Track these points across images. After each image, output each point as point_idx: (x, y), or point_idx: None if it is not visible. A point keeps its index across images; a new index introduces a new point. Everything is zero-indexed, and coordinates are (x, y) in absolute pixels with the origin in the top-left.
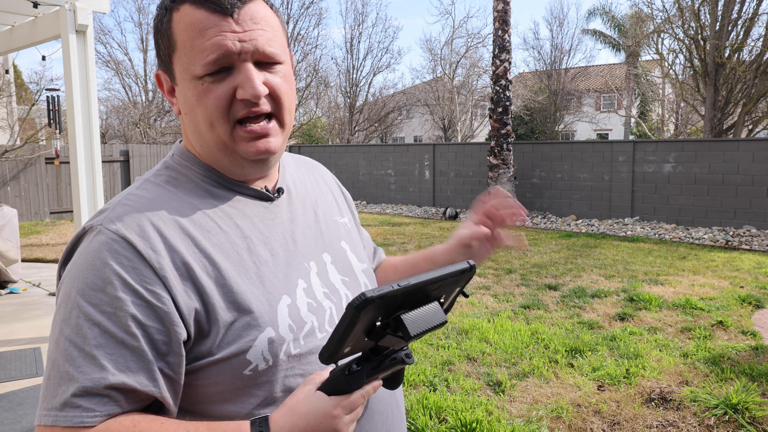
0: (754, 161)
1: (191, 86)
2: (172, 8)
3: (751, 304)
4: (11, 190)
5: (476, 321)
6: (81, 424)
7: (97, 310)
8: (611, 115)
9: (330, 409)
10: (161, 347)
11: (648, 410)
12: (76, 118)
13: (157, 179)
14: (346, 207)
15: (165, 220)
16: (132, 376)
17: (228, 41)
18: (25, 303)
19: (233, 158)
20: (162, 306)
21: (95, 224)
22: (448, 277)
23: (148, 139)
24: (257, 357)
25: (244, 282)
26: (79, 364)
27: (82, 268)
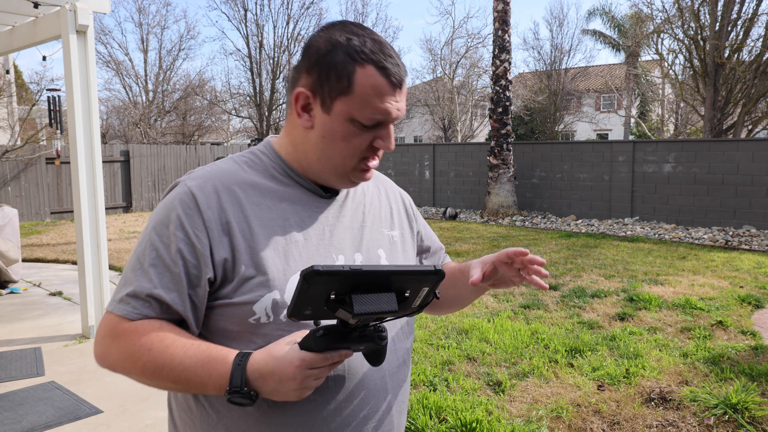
0: (753, 161)
1: (344, 124)
2: (358, 61)
3: (751, 304)
4: (12, 190)
5: (476, 321)
6: (125, 315)
7: (159, 240)
8: (611, 115)
9: (294, 360)
10: (193, 279)
11: (648, 410)
12: (77, 118)
13: (238, 159)
14: (403, 222)
15: (226, 187)
16: (168, 292)
17: (393, 109)
18: (26, 303)
19: (340, 179)
20: (201, 248)
21: (181, 180)
22: (405, 274)
23: (149, 139)
24: (261, 311)
25: (269, 250)
26: (137, 275)
27: (161, 209)
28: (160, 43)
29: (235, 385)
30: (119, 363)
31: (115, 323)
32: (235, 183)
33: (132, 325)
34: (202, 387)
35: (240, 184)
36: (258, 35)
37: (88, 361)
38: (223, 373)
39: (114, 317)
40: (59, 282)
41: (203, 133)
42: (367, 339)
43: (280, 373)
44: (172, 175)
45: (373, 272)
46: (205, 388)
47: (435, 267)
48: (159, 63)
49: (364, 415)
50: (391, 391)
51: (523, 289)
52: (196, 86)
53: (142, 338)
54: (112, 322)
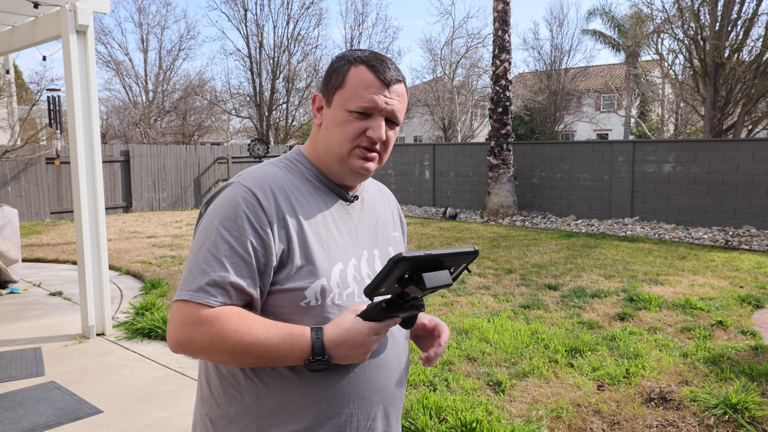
0: (753, 161)
1: (341, 114)
2: (353, 62)
3: (751, 304)
4: (12, 190)
5: (476, 321)
6: (207, 303)
7: (229, 234)
8: (611, 115)
9: (363, 328)
10: (262, 267)
11: (648, 410)
12: (77, 118)
13: (278, 164)
14: (399, 226)
15: (279, 187)
16: (243, 279)
17: (380, 101)
18: (26, 303)
19: (342, 167)
20: (267, 240)
21: (234, 182)
22: (458, 254)
23: (149, 139)
24: (311, 295)
25: (315, 243)
26: (213, 266)
27: (224, 206)
28: (160, 43)
29: (317, 353)
30: (206, 346)
31: (196, 311)
32: (285, 184)
33: (213, 311)
34: (284, 359)
35: (288, 185)
36: (258, 35)
37: (88, 361)
38: (304, 346)
39: (193, 305)
40: (59, 282)
41: (203, 133)
42: (413, 308)
43: (352, 341)
44: (172, 175)
45: (437, 255)
46: (287, 359)
47: (474, 248)
48: (159, 63)
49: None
50: (402, 361)
51: (523, 289)
52: (196, 86)
53: (228, 322)
54: (192, 310)
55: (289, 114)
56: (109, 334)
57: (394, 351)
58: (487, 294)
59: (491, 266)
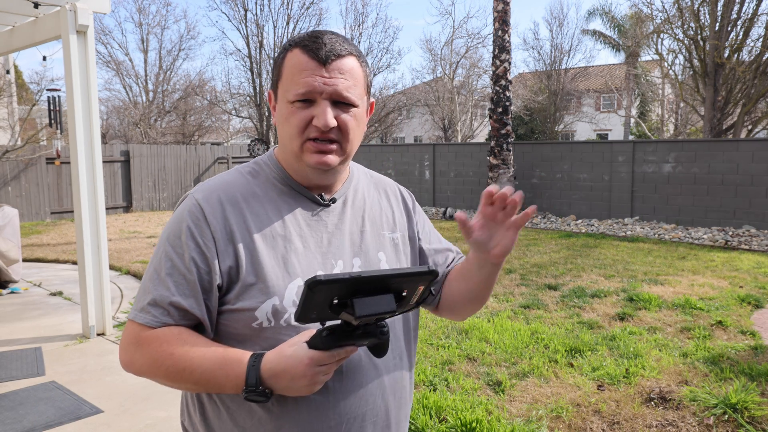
0: (753, 161)
1: (285, 107)
2: (288, 49)
3: (751, 304)
4: (12, 190)
5: (476, 321)
6: (146, 323)
7: (173, 250)
8: (611, 115)
9: (304, 358)
10: (206, 285)
11: (647, 410)
12: (77, 119)
13: (243, 169)
14: (404, 224)
15: (231, 198)
16: (185, 299)
17: (315, 82)
18: (26, 303)
19: (301, 164)
20: (211, 257)
21: (189, 193)
22: (400, 276)
23: (149, 139)
24: (262, 316)
25: (269, 258)
26: (156, 284)
27: (173, 221)
28: (160, 43)
29: (251, 384)
30: (145, 368)
31: (138, 331)
32: (239, 194)
33: (154, 332)
34: (221, 387)
35: (243, 195)
36: (258, 35)
37: (89, 361)
38: (239, 374)
39: (136, 326)
40: (59, 282)
41: (203, 133)
42: (369, 335)
43: (291, 371)
44: (172, 175)
45: (370, 277)
46: (223, 388)
47: (428, 267)
48: (159, 63)
49: (360, 410)
50: (389, 387)
51: (523, 289)
52: (196, 86)
53: (164, 345)
54: (135, 331)
55: None
56: (110, 334)
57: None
58: None
59: None
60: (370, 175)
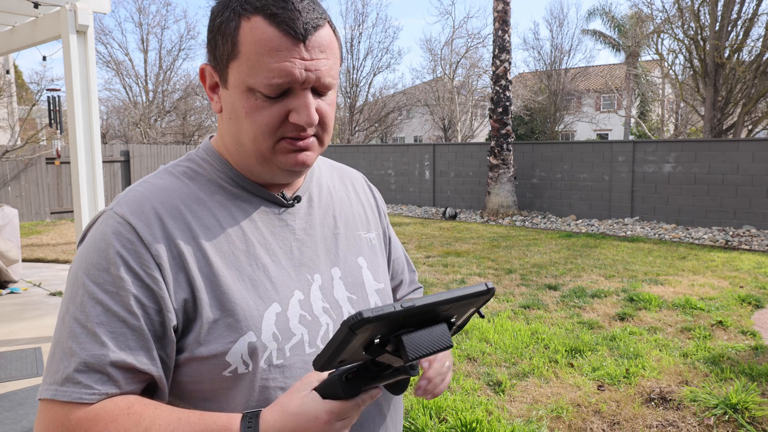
0: (753, 161)
1: (243, 97)
2: (242, 15)
3: (751, 304)
4: (12, 190)
5: (476, 321)
6: (79, 400)
7: (100, 289)
8: (611, 115)
9: (321, 414)
10: (158, 329)
11: (648, 410)
12: (77, 119)
13: (175, 170)
14: (376, 220)
15: (169, 210)
16: (132, 354)
17: (296, 69)
18: (26, 303)
19: (267, 167)
20: (159, 290)
21: (107, 209)
22: (461, 300)
23: (149, 139)
24: (236, 360)
25: (234, 283)
26: (82, 341)
27: (90, 249)
28: (160, 43)
29: None
30: None
31: (65, 414)
32: (181, 200)
33: (91, 411)
34: None
35: (185, 203)
36: None
37: None
38: None
39: (60, 407)
40: (59, 282)
41: (203, 133)
42: (400, 372)
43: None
44: None
45: (424, 306)
46: None
47: (487, 285)
48: (159, 63)
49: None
50: (386, 410)
51: (523, 289)
52: (196, 86)
53: (109, 427)
54: (59, 415)
55: None
56: None
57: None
58: None
59: (491, 266)
60: (332, 165)
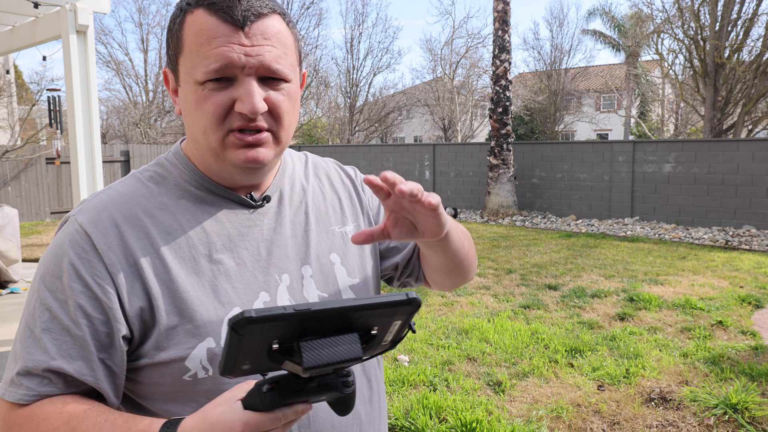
0: (753, 161)
1: (192, 90)
2: (186, 10)
3: (751, 304)
4: (12, 190)
5: (476, 321)
6: (18, 400)
7: (51, 296)
8: (611, 115)
9: (237, 424)
10: (104, 339)
11: (648, 410)
12: (77, 118)
13: (142, 175)
14: (355, 209)
15: (128, 217)
16: (71, 363)
17: (234, 54)
18: None
19: (222, 164)
20: (107, 301)
21: (70, 215)
22: (372, 308)
23: (149, 139)
24: (196, 365)
25: (193, 288)
26: (27, 345)
27: (48, 256)
28: (160, 43)
29: None
30: None
31: (7, 411)
32: (139, 209)
33: (27, 410)
34: None
35: (146, 209)
36: None
37: None
38: None
39: (6, 404)
40: None
41: None
42: (328, 388)
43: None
44: None
45: (326, 311)
46: None
47: (408, 295)
48: (159, 63)
49: None
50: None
51: (523, 289)
52: None
53: (41, 425)
54: (4, 411)
55: None
56: None
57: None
58: (487, 294)
59: (491, 266)
60: (306, 161)
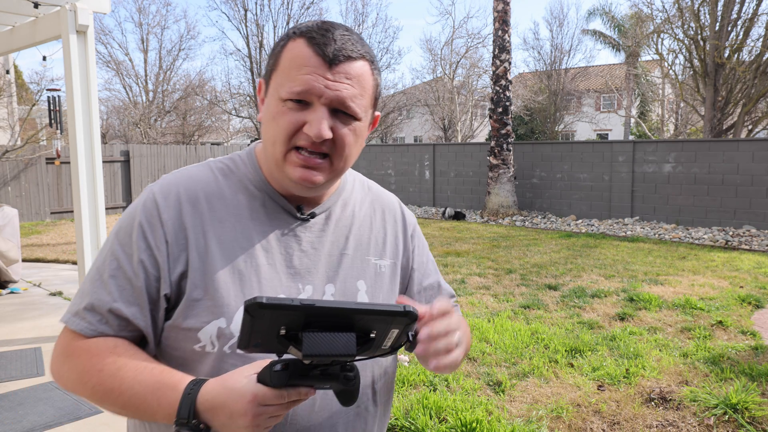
0: (753, 161)
1: (274, 103)
2: (291, 37)
3: (751, 304)
4: (12, 190)
5: (476, 321)
6: (80, 331)
7: (121, 249)
8: (611, 115)
9: (247, 394)
10: (154, 293)
11: (648, 410)
12: (77, 118)
13: (215, 164)
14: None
15: (192, 196)
16: (128, 307)
17: (316, 83)
18: (26, 303)
19: (281, 175)
20: (162, 262)
21: (149, 185)
22: (367, 313)
23: (149, 139)
24: (206, 338)
25: (223, 273)
26: (96, 286)
27: (126, 215)
28: (160, 43)
29: (182, 416)
30: (71, 383)
31: (69, 340)
32: (206, 192)
33: (86, 343)
34: (152, 415)
35: (207, 194)
36: (258, 35)
37: None
38: (173, 402)
39: (69, 332)
40: (59, 282)
41: (203, 133)
42: (331, 377)
43: (231, 407)
44: None
45: (327, 308)
46: (154, 416)
47: (405, 307)
48: (159, 63)
49: None
50: None
51: (523, 289)
52: (196, 86)
53: (94, 358)
54: (67, 338)
55: None
56: None
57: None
58: (487, 294)
59: (491, 266)
60: (368, 188)
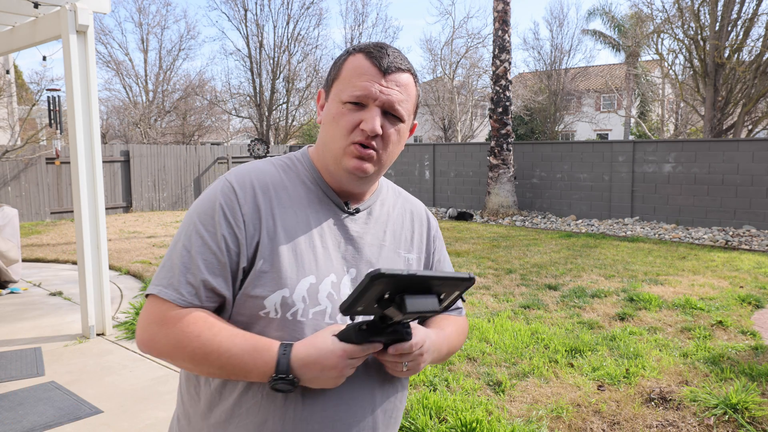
0: (753, 161)
1: (335, 106)
2: (351, 52)
3: (751, 304)
4: (12, 190)
5: (476, 321)
6: (174, 300)
7: (204, 228)
8: (611, 115)
9: (337, 350)
10: (233, 266)
11: (648, 410)
12: (77, 118)
13: (275, 162)
14: (421, 248)
15: (262, 185)
16: (215, 278)
17: (373, 88)
18: (26, 303)
19: (338, 167)
20: (241, 239)
21: (222, 176)
22: (449, 279)
23: (149, 139)
24: (270, 306)
25: (287, 251)
26: (185, 261)
27: (203, 200)
28: (160, 43)
29: (282, 371)
30: (167, 349)
31: (164, 309)
32: (272, 183)
33: (180, 312)
34: (246, 373)
35: (276, 185)
36: (258, 35)
37: (88, 362)
38: (269, 361)
39: (161, 303)
40: (59, 282)
41: (203, 133)
42: (397, 333)
43: (323, 362)
44: (172, 175)
45: (423, 277)
46: (249, 374)
47: (469, 274)
48: (159, 63)
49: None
50: (379, 402)
51: (523, 289)
52: (196, 86)
53: (191, 326)
54: (161, 309)
55: (289, 114)
56: (109, 334)
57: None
58: (487, 294)
59: (491, 266)
60: (399, 192)
